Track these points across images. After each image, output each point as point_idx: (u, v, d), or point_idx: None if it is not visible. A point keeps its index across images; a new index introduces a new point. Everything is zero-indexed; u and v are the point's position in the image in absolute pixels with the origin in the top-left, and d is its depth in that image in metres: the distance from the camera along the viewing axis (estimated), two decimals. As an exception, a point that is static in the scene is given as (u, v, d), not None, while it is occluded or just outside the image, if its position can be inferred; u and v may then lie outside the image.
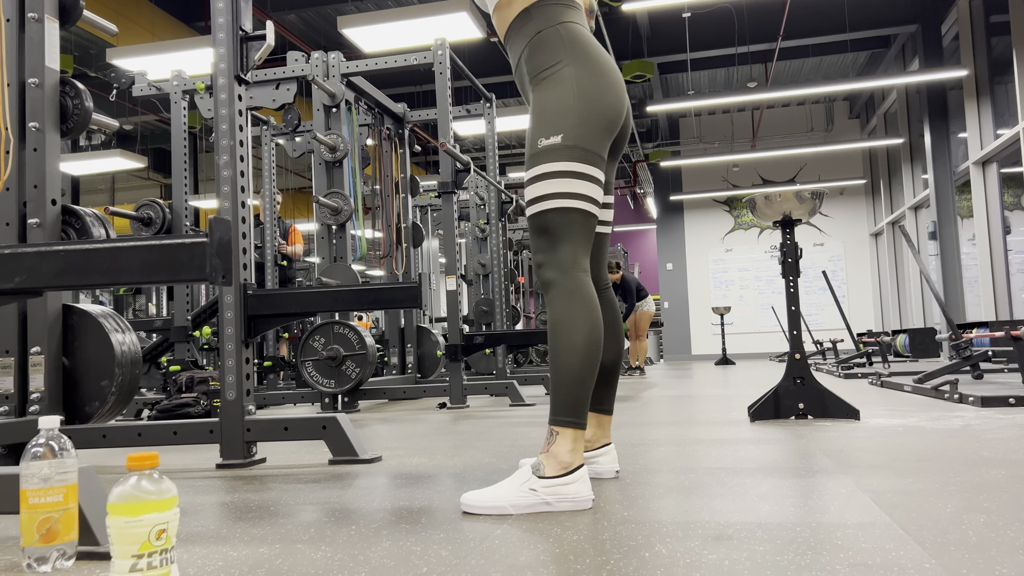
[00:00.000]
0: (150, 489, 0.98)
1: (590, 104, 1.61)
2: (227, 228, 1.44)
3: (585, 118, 1.60)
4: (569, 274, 1.58)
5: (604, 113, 1.62)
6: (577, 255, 1.59)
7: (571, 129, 1.59)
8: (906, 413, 3.17)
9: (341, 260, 4.50)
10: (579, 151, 1.59)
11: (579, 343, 1.53)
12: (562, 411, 1.53)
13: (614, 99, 1.64)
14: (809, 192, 2.98)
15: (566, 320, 1.55)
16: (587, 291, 1.58)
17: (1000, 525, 1.23)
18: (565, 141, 1.59)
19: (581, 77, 1.61)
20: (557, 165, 1.59)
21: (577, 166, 1.59)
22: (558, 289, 1.57)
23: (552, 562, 1.11)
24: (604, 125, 1.62)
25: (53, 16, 2.29)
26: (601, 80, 1.63)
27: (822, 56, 12.45)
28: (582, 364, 1.53)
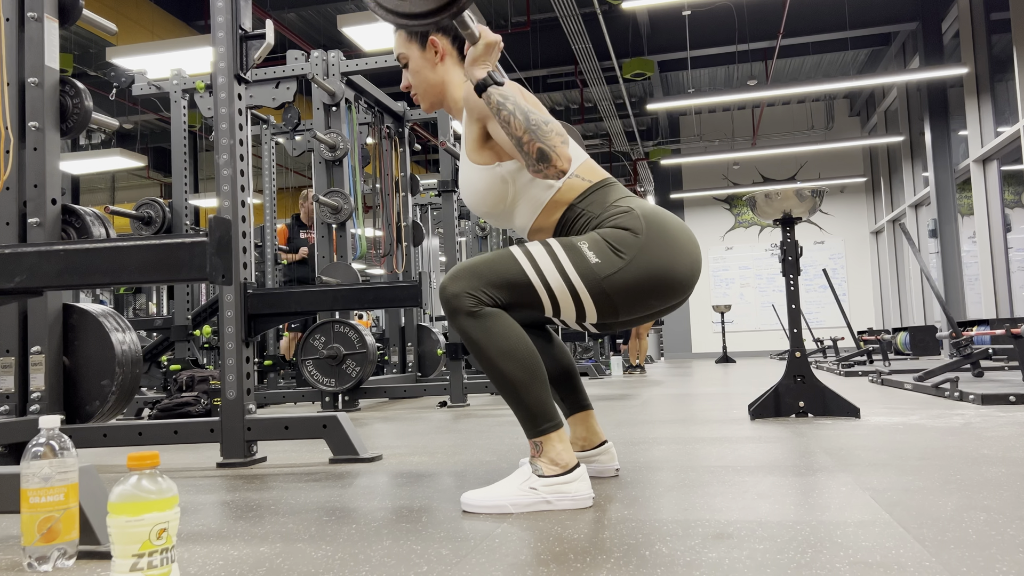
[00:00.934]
0: (151, 488, 0.98)
1: (645, 283, 1.52)
2: (227, 227, 1.44)
3: (633, 274, 1.51)
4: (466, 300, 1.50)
5: (650, 297, 1.53)
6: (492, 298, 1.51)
7: (612, 267, 1.51)
8: (907, 411, 3.17)
9: (341, 259, 4.50)
10: (599, 287, 1.51)
11: (509, 347, 1.49)
12: (533, 424, 1.50)
13: (671, 291, 1.55)
14: (809, 190, 2.98)
15: (484, 334, 1.49)
16: (489, 310, 1.51)
17: (1000, 523, 1.23)
18: (597, 269, 1.51)
19: (653, 260, 1.52)
20: (571, 269, 1.52)
21: (582, 289, 1.52)
22: (462, 315, 1.50)
23: (553, 561, 1.11)
24: (642, 301, 1.54)
25: (53, 15, 2.28)
26: (673, 242, 1.55)
27: (822, 54, 12.44)
28: (523, 365, 1.49)
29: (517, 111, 1.46)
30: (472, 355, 1.54)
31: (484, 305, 1.50)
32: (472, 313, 1.50)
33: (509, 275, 1.52)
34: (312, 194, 4.81)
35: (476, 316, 1.50)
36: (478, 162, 1.64)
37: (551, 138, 1.46)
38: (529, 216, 1.65)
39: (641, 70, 10.20)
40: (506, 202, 1.65)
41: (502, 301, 1.52)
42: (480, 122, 1.62)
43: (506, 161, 1.61)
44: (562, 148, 1.46)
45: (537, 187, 1.62)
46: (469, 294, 1.50)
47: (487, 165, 1.63)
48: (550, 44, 10.93)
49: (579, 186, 1.63)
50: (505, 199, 1.64)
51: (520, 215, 1.66)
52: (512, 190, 1.63)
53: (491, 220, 1.71)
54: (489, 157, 1.63)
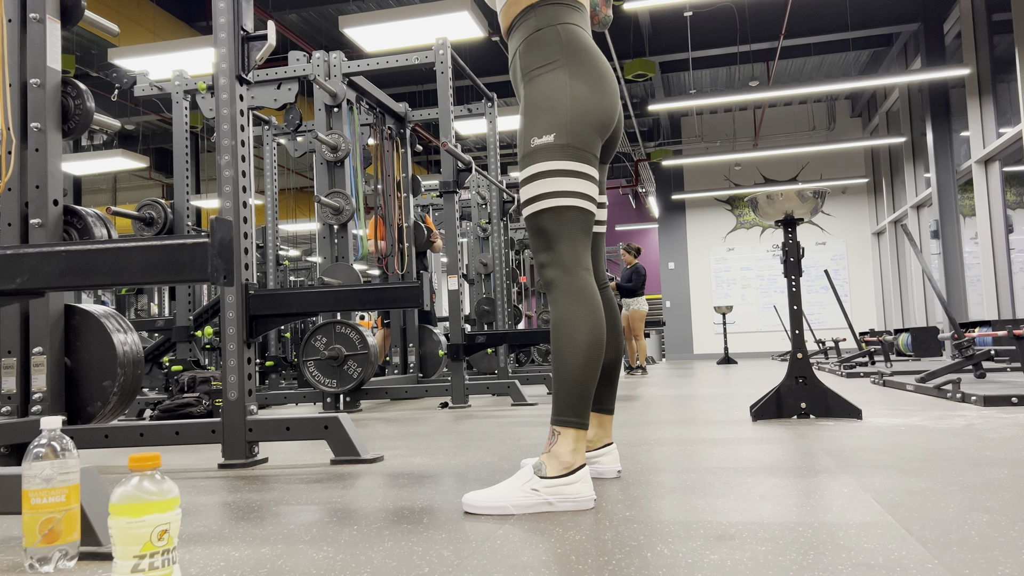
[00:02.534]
0: (152, 489, 0.98)
1: (582, 104, 1.60)
2: (229, 228, 1.44)
3: (577, 117, 1.59)
4: (572, 273, 1.57)
5: (596, 114, 1.61)
6: (578, 253, 1.59)
7: (563, 127, 1.59)
8: (908, 412, 3.17)
9: (343, 260, 4.50)
10: (572, 149, 1.59)
11: (581, 343, 1.53)
12: (565, 411, 1.53)
13: (607, 102, 1.64)
14: (811, 191, 2.97)
15: (569, 320, 1.54)
16: (590, 291, 1.57)
17: (1003, 525, 1.23)
18: (558, 139, 1.59)
19: (575, 77, 1.61)
20: (551, 164, 1.59)
21: (571, 164, 1.59)
22: (561, 289, 1.57)
23: (554, 562, 1.11)
24: (596, 126, 1.62)
25: (55, 16, 2.29)
26: (595, 82, 1.63)
27: (824, 55, 12.43)
28: (585, 364, 1.53)
29: None
30: (551, 326, 1.59)
31: (581, 271, 1.58)
32: (571, 291, 1.56)
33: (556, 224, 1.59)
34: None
35: (573, 296, 1.56)
36: None
37: None
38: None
39: (642, 71, 10.20)
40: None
41: (584, 242, 1.60)
42: None
43: None
44: None
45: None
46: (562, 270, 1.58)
47: None
48: (552, 45, 10.91)
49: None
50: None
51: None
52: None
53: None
54: None
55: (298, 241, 19.60)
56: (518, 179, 1.67)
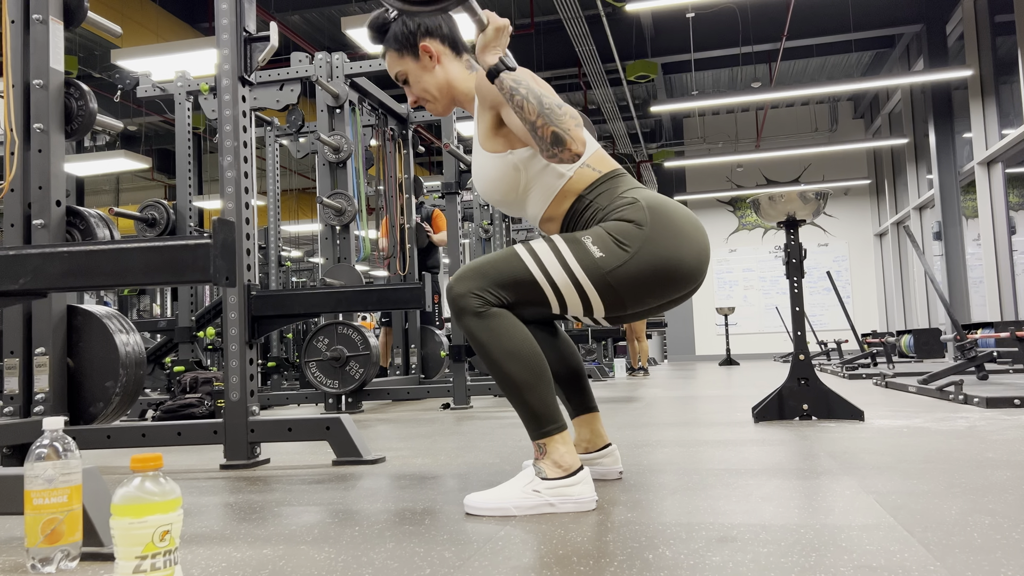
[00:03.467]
0: (154, 490, 0.98)
1: (651, 273, 1.51)
2: (231, 229, 1.44)
3: (637, 266, 1.50)
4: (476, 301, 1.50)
5: (659, 286, 1.52)
6: (499, 298, 1.52)
7: (615, 263, 1.50)
8: (911, 414, 3.16)
9: (345, 261, 4.50)
10: (604, 281, 1.51)
11: (514, 347, 1.49)
12: (537, 425, 1.51)
13: (681, 281, 1.54)
14: (813, 192, 2.97)
15: (489, 335, 1.49)
16: (496, 310, 1.51)
17: (1005, 527, 1.23)
18: (601, 263, 1.50)
19: (659, 250, 1.51)
20: (575, 265, 1.51)
21: (588, 283, 1.51)
22: (468, 315, 1.50)
23: (556, 564, 1.11)
24: (650, 290, 1.52)
25: (58, 17, 2.29)
26: (677, 261, 1.52)
27: (826, 56, 12.43)
28: (527, 366, 1.49)
29: (530, 95, 1.46)
30: (477, 355, 1.54)
31: (490, 305, 1.51)
32: (478, 313, 1.50)
33: (514, 273, 1.52)
34: None
35: (482, 316, 1.50)
36: (491, 150, 1.64)
37: (565, 121, 1.45)
38: (541, 205, 1.65)
39: (645, 72, 10.20)
40: (518, 190, 1.65)
41: (508, 300, 1.53)
42: (493, 109, 1.62)
43: (518, 148, 1.61)
44: (576, 131, 1.46)
45: (549, 175, 1.62)
46: (475, 294, 1.51)
47: (500, 153, 1.63)
48: (554, 46, 10.94)
49: (589, 176, 1.62)
50: (517, 187, 1.64)
51: (532, 203, 1.66)
52: (524, 178, 1.63)
53: (504, 208, 1.71)
54: (502, 145, 1.63)
55: (300, 242, 19.62)
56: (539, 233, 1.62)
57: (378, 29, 1.75)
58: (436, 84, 1.71)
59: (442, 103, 1.73)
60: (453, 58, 1.72)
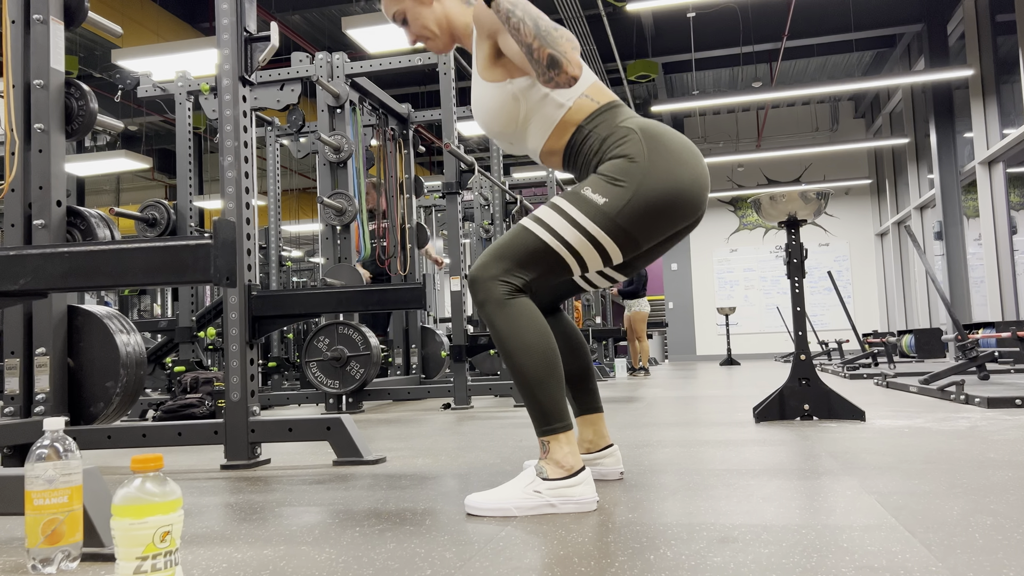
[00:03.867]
0: (154, 491, 0.98)
1: (654, 200, 1.52)
2: (231, 229, 1.44)
3: (640, 208, 1.52)
4: (501, 288, 1.52)
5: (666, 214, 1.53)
6: (513, 274, 1.53)
7: (618, 202, 1.51)
8: (912, 414, 3.16)
9: (345, 261, 4.50)
10: (611, 223, 1.52)
11: (532, 343, 1.50)
12: (544, 421, 1.51)
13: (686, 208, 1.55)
14: (814, 192, 2.97)
15: (509, 327, 1.50)
16: (520, 298, 1.53)
17: (1007, 527, 1.23)
18: (605, 207, 1.52)
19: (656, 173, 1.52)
20: (581, 216, 1.53)
21: (597, 231, 1.52)
22: (492, 304, 1.52)
23: (556, 564, 1.11)
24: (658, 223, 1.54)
25: (58, 18, 2.29)
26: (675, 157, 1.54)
27: (827, 56, 12.42)
28: (543, 364, 1.50)
29: (527, 17, 1.47)
30: (495, 344, 1.55)
31: (516, 291, 1.53)
32: (500, 302, 1.51)
33: (529, 247, 1.54)
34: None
35: (504, 305, 1.51)
36: (490, 79, 1.64)
37: (561, 43, 1.46)
38: (541, 136, 1.66)
39: (645, 72, 10.20)
40: (518, 121, 1.66)
41: (532, 277, 1.54)
42: (491, 38, 1.63)
43: (517, 78, 1.62)
44: (572, 54, 1.47)
45: (548, 105, 1.63)
46: (500, 280, 1.52)
47: (499, 82, 1.63)
48: (554, 46, 10.91)
49: (588, 107, 1.63)
50: (517, 118, 1.65)
51: (532, 135, 1.68)
52: (524, 108, 1.64)
53: (503, 142, 1.73)
54: (500, 74, 1.63)
55: (301, 242, 19.62)
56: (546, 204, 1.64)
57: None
58: (435, 19, 1.72)
59: (442, 39, 1.74)
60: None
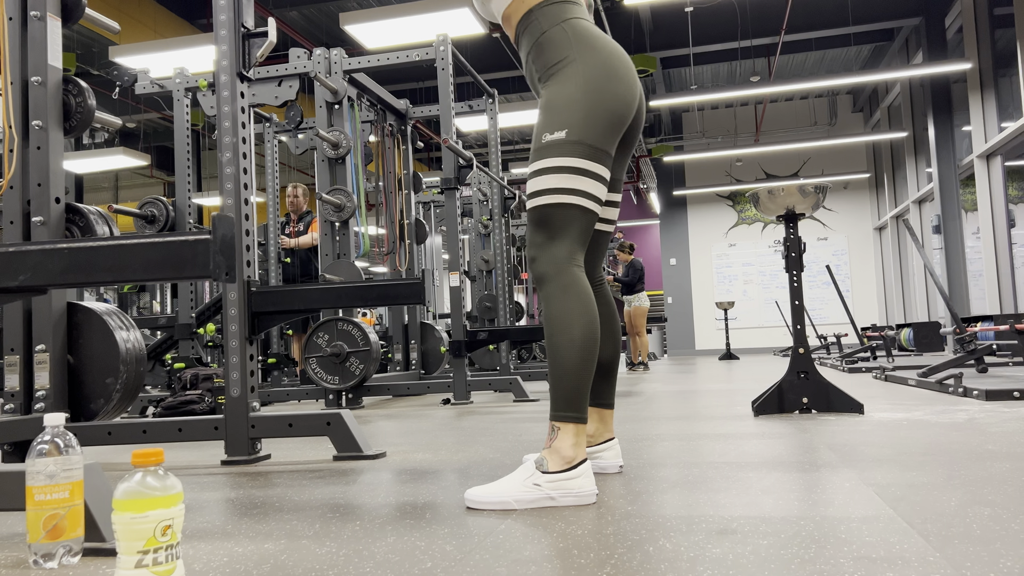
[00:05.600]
0: (155, 485, 0.98)
1: (597, 98, 1.59)
2: (230, 225, 1.44)
3: (592, 113, 1.58)
4: (564, 269, 1.57)
5: (612, 107, 1.60)
6: (573, 250, 1.59)
7: (577, 124, 1.58)
8: (910, 407, 3.17)
9: (344, 257, 4.50)
10: (584, 147, 1.58)
11: (576, 337, 1.53)
12: (562, 406, 1.53)
13: (623, 90, 1.62)
14: (812, 186, 2.97)
15: (563, 315, 1.54)
16: (582, 286, 1.57)
17: (1004, 518, 1.23)
18: (570, 136, 1.58)
19: (588, 71, 1.60)
20: (560, 160, 1.58)
21: (581, 162, 1.58)
22: (553, 284, 1.57)
23: (556, 556, 1.12)
24: (612, 120, 1.60)
25: (55, 14, 2.29)
26: (609, 73, 1.61)
27: (825, 50, 12.40)
28: (580, 358, 1.53)
29: None
30: (543, 320, 1.59)
31: (571, 264, 1.58)
32: (559, 281, 1.56)
33: (554, 217, 1.59)
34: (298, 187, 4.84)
35: (566, 291, 1.55)
36: None
37: None
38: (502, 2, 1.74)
39: (643, 67, 10.18)
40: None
41: (579, 245, 1.60)
42: None
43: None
44: None
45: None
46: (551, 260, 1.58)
47: None
48: (552, 41, 10.90)
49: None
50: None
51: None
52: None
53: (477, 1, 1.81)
54: None
55: (299, 238, 19.58)
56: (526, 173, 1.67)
57: None
58: None
59: None
60: None
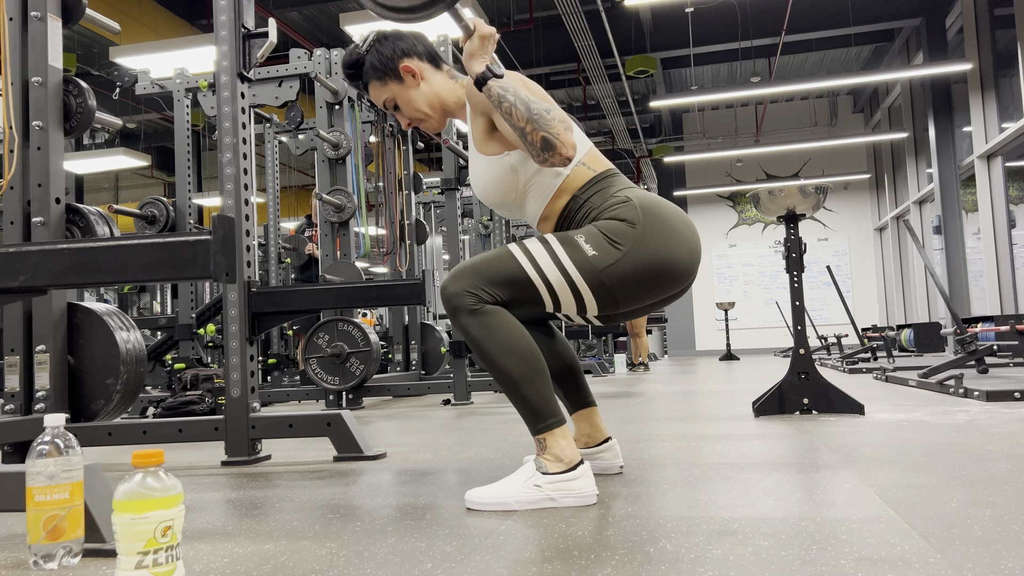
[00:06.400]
0: (155, 486, 0.98)
1: (646, 262, 1.52)
2: (231, 225, 1.44)
3: (630, 265, 1.51)
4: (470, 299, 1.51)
5: (654, 279, 1.53)
6: (493, 296, 1.52)
7: (609, 259, 1.51)
8: (911, 408, 3.17)
9: (345, 257, 4.50)
10: (597, 279, 1.52)
11: (509, 343, 1.50)
12: (536, 419, 1.51)
13: (682, 251, 1.55)
14: (813, 187, 2.97)
15: (484, 332, 1.50)
16: (490, 307, 1.51)
17: (1005, 519, 1.23)
18: (594, 261, 1.51)
19: (651, 241, 1.53)
20: (568, 263, 1.52)
21: (580, 282, 1.52)
22: (463, 313, 1.51)
23: (557, 558, 1.11)
24: (650, 285, 1.54)
25: (56, 14, 2.29)
26: (672, 231, 1.55)
27: (826, 50, 12.41)
28: (523, 360, 1.50)
29: (518, 102, 1.48)
30: (474, 353, 1.55)
31: (484, 303, 1.51)
32: (473, 311, 1.51)
33: (508, 272, 1.53)
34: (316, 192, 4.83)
35: (476, 314, 1.51)
36: (486, 153, 1.64)
37: (553, 126, 1.47)
38: (539, 204, 1.66)
39: (644, 67, 10.18)
40: (517, 191, 1.65)
41: (503, 298, 1.53)
42: (485, 115, 1.62)
43: (514, 150, 1.62)
44: (566, 135, 1.47)
45: (546, 174, 1.63)
46: (469, 292, 1.51)
47: (495, 155, 1.63)
48: (553, 42, 10.92)
49: (584, 175, 1.64)
50: (516, 188, 1.65)
51: (531, 203, 1.67)
52: (522, 178, 1.64)
53: (503, 211, 1.72)
54: (496, 148, 1.63)
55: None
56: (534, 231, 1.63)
57: (353, 66, 1.73)
58: (426, 100, 1.70)
59: (436, 118, 1.73)
60: (435, 71, 1.72)
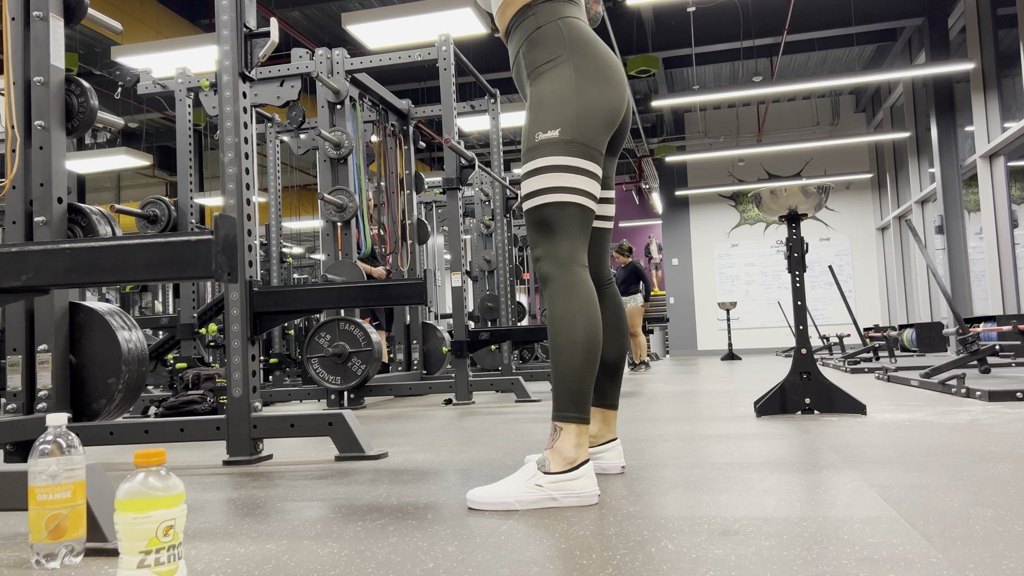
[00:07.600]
0: (157, 486, 0.98)
1: (589, 99, 1.60)
2: (232, 225, 1.44)
3: (584, 112, 1.60)
4: (567, 269, 1.57)
5: (603, 108, 1.61)
6: (575, 250, 1.59)
7: (569, 123, 1.59)
8: (913, 408, 3.16)
9: (346, 257, 4.50)
10: (577, 145, 1.59)
11: (579, 338, 1.53)
12: (565, 407, 1.53)
13: (614, 94, 1.64)
14: (815, 186, 2.97)
15: (566, 316, 1.55)
16: (586, 286, 1.57)
17: (1007, 519, 1.23)
18: (563, 135, 1.59)
19: (580, 72, 1.61)
20: (555, 159, 1.59)
21: (575, 160, 1.59)
22: (556, 284, 1.57)
23: (558, 557, 1.11)
24: (603, 120, 1.62)
25: (58, 14, 2.29)
26: (601, 75, 1.63)
27: (828, 50, 12.39)
28: (583, 359, 1.53)
29: None
30: (547, 322, 1.59)
31: (572, 263, 1.58)
32: (562, 281, 1.57)
33: (552, 217, 1.59)
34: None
35: (568, 288, 1.56)
36: None
37: None
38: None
39: (646, 67, 10.17)
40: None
41: (579, 244, 1.60)
42: None
43: None
44: None
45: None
46: (552, 259, 1.58)
47: None
48: (554, 41, 10.89)
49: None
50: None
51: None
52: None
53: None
54: None
55: (301, 238, 19.62)
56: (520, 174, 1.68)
57: None
58: None
59: None
60: None
